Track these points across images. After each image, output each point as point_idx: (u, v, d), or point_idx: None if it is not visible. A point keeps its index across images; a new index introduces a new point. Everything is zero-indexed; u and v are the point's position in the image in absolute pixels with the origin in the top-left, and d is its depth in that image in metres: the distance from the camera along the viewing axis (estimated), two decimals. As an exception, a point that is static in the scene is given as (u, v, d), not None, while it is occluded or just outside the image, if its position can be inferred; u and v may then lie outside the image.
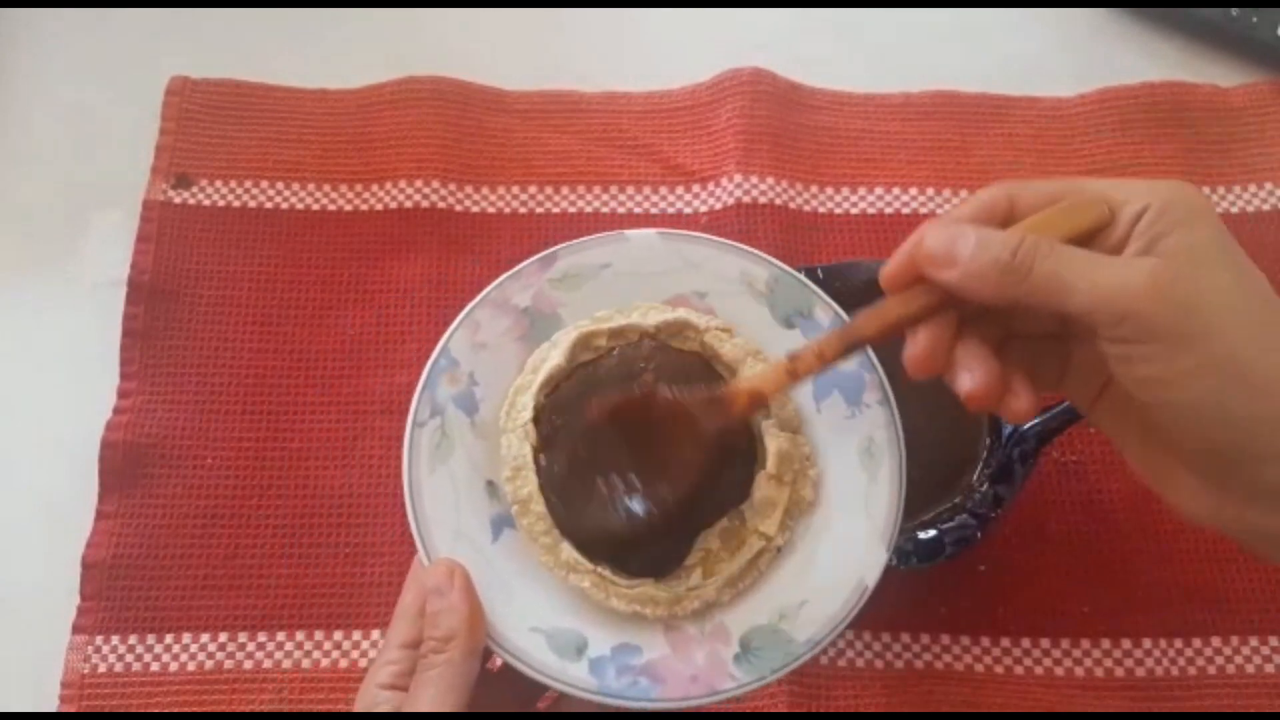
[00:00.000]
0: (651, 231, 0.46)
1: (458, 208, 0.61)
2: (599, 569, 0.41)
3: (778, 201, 0.61)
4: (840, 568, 0.41)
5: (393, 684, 0.37)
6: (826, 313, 0.44)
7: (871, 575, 0.40)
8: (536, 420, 0.42)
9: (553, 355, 0.43)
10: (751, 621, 0.41)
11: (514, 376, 0.44)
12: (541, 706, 0.42)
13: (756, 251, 0.45)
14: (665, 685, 0.39)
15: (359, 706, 0.37)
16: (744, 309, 0.45)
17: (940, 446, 0.51)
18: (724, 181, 0.61)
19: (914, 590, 0.52)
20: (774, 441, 0.43)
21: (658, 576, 0.41)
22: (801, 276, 0.44)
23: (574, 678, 0.39)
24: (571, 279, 0.45)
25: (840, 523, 0.42)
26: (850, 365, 0.43)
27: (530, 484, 0.42)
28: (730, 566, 0.41)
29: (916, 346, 0.37)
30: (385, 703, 0.37)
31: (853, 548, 0.41)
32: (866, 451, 0.43)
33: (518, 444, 0.42)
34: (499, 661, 0.39)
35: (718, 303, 0.45)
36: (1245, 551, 0.51)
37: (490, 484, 0.42)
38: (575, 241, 0.45)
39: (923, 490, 0.50)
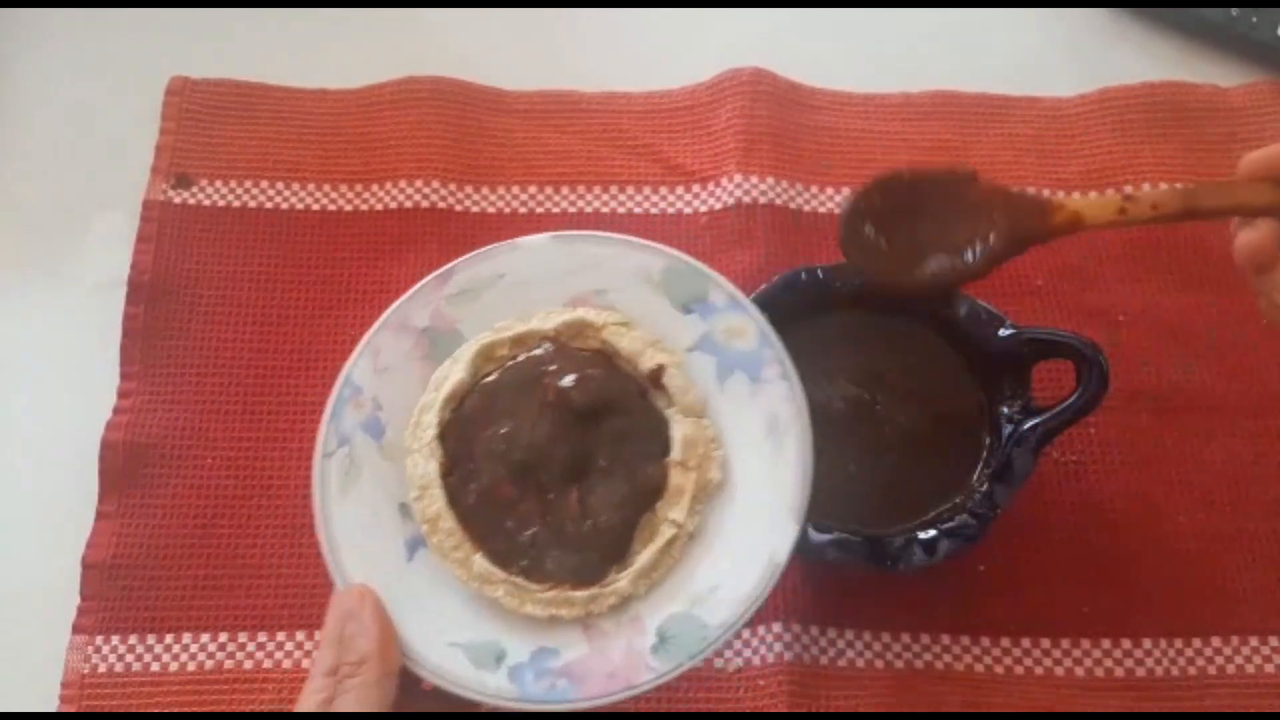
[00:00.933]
0: (545, 235, 0.46)
1: (458, 208, 0.61)
2: (512, 577, 0.42)
3: (778, 201, 0.61)
4: (752, 547, 0.41)
5: (320, 711, 0.37)
6: (722, 295, 0.44)
7: (781, 551, 0.41)
8: (442, 437, 0.43)
9: (454, 371, 0.44)
10: (667, 610, 0.41)
11: (419, 397, 0.44)
12: None
13: (651, 243, 0.45)
14: (584, 685, 0.40)
15: None
16: (643, 301, 0.45)
17: (940, 446, 0.51)
18: (724, 181, 0.61)
19: (914, 590, 0.52)
20: (679, 428, 0.43)
21: (584, 581, 0.42)
22: (694, 262, 0.45)
23: (493, 688, 0.39)
24: (468, 293, 0.45)
25: (749, 501, 0.43)
26: (749, 343, 0.44)
27: (438, 501, 0.42)
28: (643, 557, 0.42)
29: (1255, 234, 0.38)
30: None
31: (762, 525, 0.41)
32: (772, 427, 0.43)
33: (423, 463, 0.43)
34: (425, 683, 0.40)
35: (617, 298, 0.45)
36: None
37: (403, 506, 0.43)
38: (469, 255, 0.46)
39: (923, 490, 0.50)
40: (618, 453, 0.43)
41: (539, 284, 0.46)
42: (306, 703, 0.38)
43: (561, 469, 0.43)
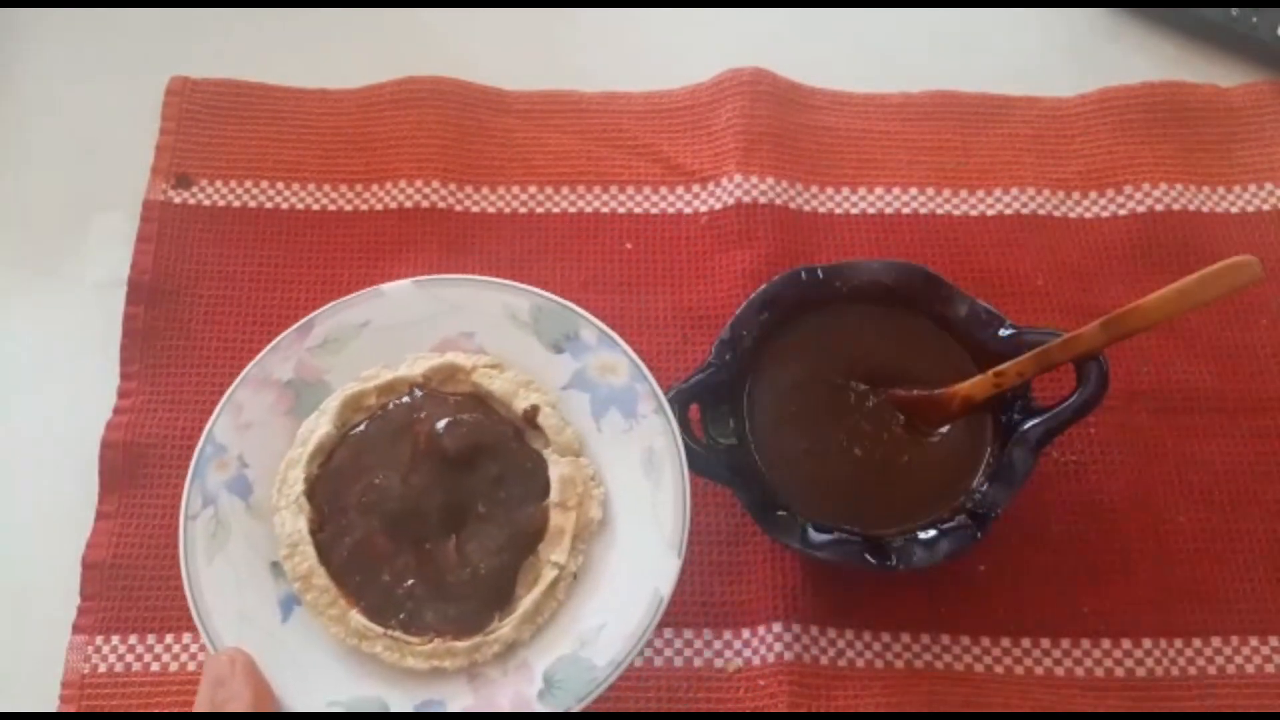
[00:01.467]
0: (406, 282, 0.46)
1: (458, 208, 0.61)
2: (390, 632, 0.41)
3: (778, 201, 0.61)
4: (635, 582, 0.41)
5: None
6: (592, 332, 0.44)
7: (665, 584, 0.40)
8: (310, 492, 0.43)
9: (321, 423, 0.44)
10: (554, 654, 0.41)
11: (285, 452, 0.44)
12: None
13: (515, 284, 0.45)
14: None
15: None
16: (512, 342, 0.45)
17: (941, 447, 0.51)
18: (724, 181, 0.61)
19: (914, 590, 0.52)
20: (556, 468, 0.43)
21: (466, 630, 0.41)
22: (562, 301, 0.45)
23: None
24: (332, 343, 0.45)
25: (630, 537, 0.42)
26: (622, 378, 0.44)
27: (309, 559, 0.42)
28: (526, 602, 0.41)
29: None
30: None
31: (645, 559, 0.41)
32: (649, 461, 0.43)
33: (291, 520, 0.42)
34: None
35: (486, 340, 0.45)
36: None
37: (275, 565, 0.43)
38: (330, 305, 0.45)
39: (923, 491, 0.50)
40: (495, 497, 0.43)
41: (405, 330, 0.45)
42: None
43: (438, 518, 0.42)
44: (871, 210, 0.61)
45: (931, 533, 0.48)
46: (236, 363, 0.56)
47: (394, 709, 0.40)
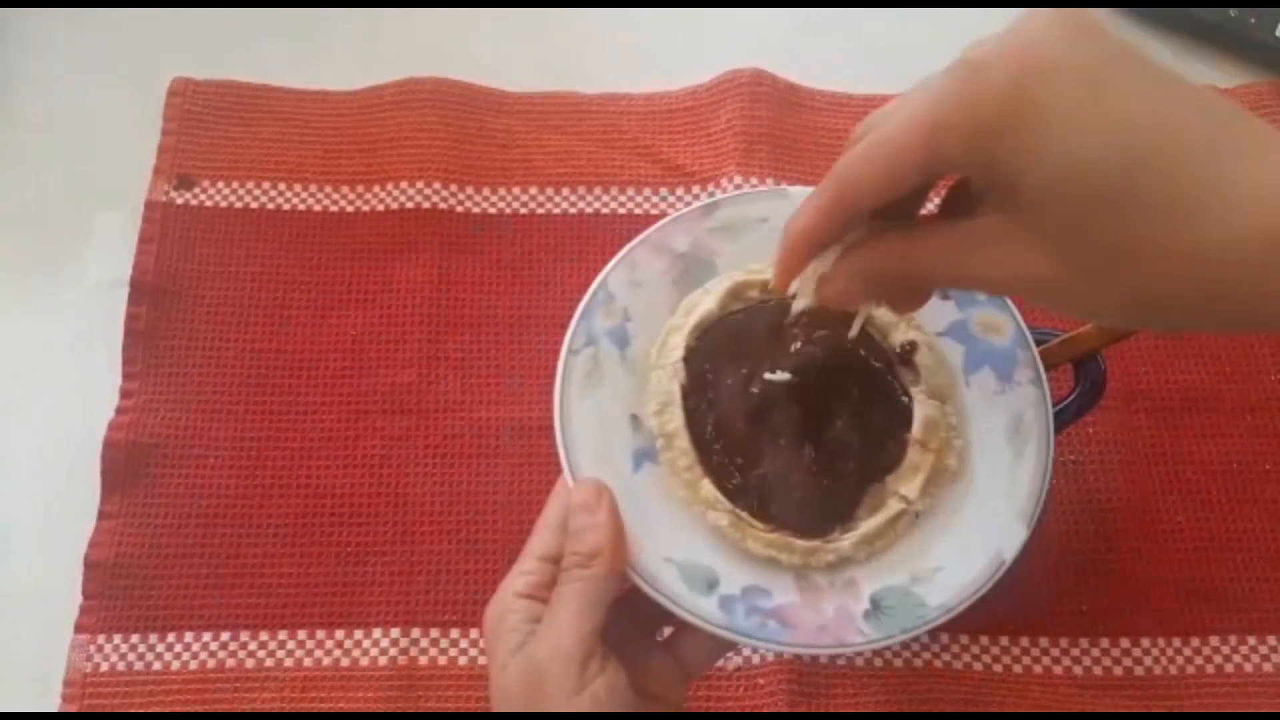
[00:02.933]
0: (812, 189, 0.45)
1: (459, 209, 0.61)
2: (737, 510, 0.41)
3: (778, 202, 0.61)
4: (978, 539, 0.41)
5: (530, 594, 0.37)
6: None
7: (1010, 549, 0.40)
8: (686, 360, 0.43)
9: (705, 301, 0.44)
10: (884, 581, 0.41)
11: (666, 317, 0.44)
12: (659, 638, 0.42)
13: None
14: (794, 631, 0.39)
15: (490, 613, 0.38)
16: None
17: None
18: (724, 183, 0.61)
19: (913, 589, 0.52)
20: (922, 408, 0.43)
21: (807, 532, 0.41)
22: None
23: (704, 611, 0.39)
24: (730, 229, 0.45)
25: (982, 496, 0.42)
26: (1004, 341, 0.44)
27: (677, 420, 0.42)
28: (868, 524, 0.41)
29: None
30: (521, 610, 0.37)
31: (993, 521, 0.41)
32: (1014, 429, 0.43)
33: (667, 380, 0.42)
34: (624, 586, 0.39)
35: None
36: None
37: (634, 418, 0.43)
38: (735, 194, 0.46)
39: (923, 490, 0.50)
40: (858, 417, 0.42)
41: None
42: (516, 584, 0.37)
43: (800, 420, 0.42)
44: (871, 211, 0.61)
45: (931, 532, 0.48)
46: (238, 363, 0.57)
47: (723, 583, 0.40)
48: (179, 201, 0.61)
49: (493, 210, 0.62)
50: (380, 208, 0.61)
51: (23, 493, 0.55)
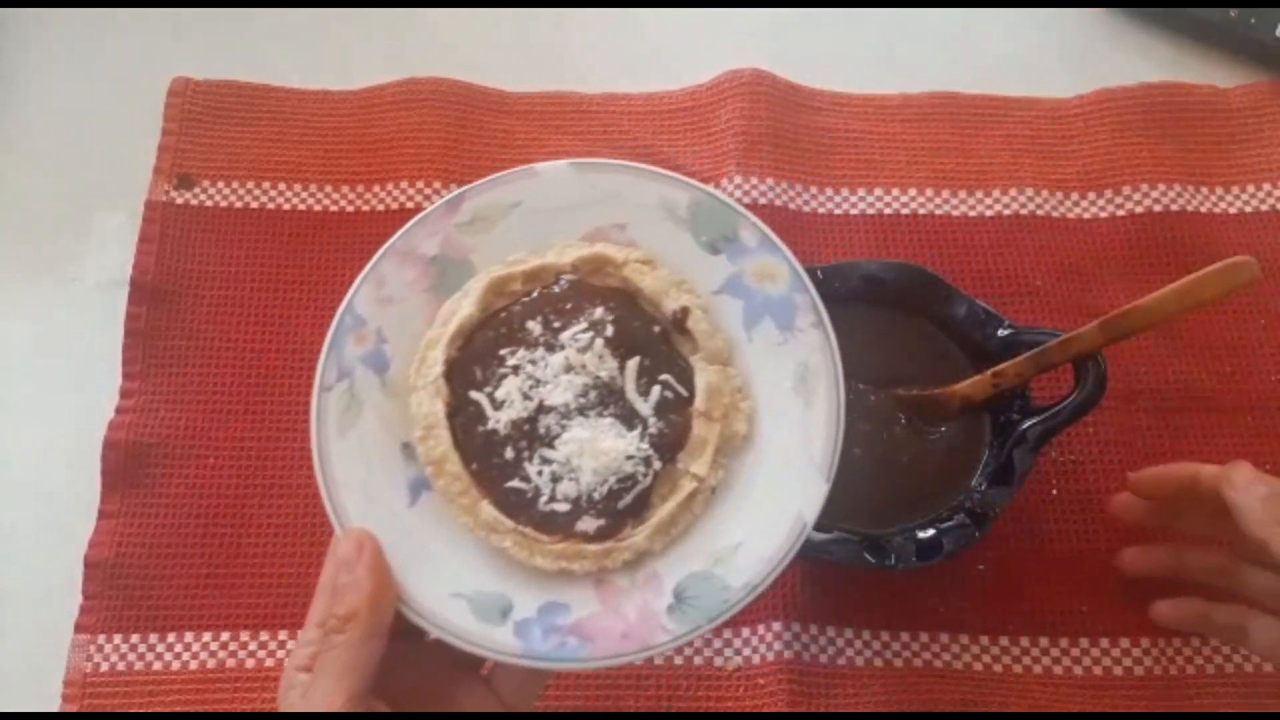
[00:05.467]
0: (563, 163, 0.43)
1: (459, 208, 0.61)
2: (521, 527, 0.39)
3: (778, 202, 0.61)
4: (778, 504, 0.39)
5: (307, 665, 0.36)
6: (753, 234, 0.41)
7: (810, 509, 0.38)
8: (449, 375, 0.40)
9: (464, 305, 0.41)
10: (686, 568, 0.39)
11: (425, 330, 0.41)
12: (483, 673, 0.40)
13: (676, 175, 0.42)
14: (595, 643, 0.37)
15: (280, 688, 0.36)
16: (666, 238, 0.42)
17: (940, 447, 0.51)
18: (724, 182, 0.61)
19: (914, 589, 0.52)
20: (703, 375, 0.41)
21: (598, 536, 0.39)
22: (723, 196, 0.42)
23: (498, 643, 0.37)
24: (481, 221, 0.42)
25: (776, 457, 0.40)
26: (781, 287, 0.41)
27: (444, 443, 0.40)
28: (661, 511, 0.39)
29: (1174, 611, 0.50)
30: (299, 685, 0.35)
31: (790, 482, 0.39)
32: (801, 378, 0.40)
33: (429, 401, 0.40)
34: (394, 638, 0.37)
35: (639, 233, 0.43)
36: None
37: (406, 446, 0.40)
38: (482, 181, 0.42)
39: (922, 490, 0.50)
40: (642, 400, 0.40)
41: (556, 215, 0.43)
42: (297, 656, 0.36)
43: (579, 413, 0.40)
44: (871, 211, 0.61)
45: (931, 532, 0.48)
46: (238, 363, 0.57)
47: (517, 607, 0.38)
48: (179, 201, 0.61)
49: (493, 210, 0.61)
50: (380, 208, 0.61)
51: (22, 492, 0.55)
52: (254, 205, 0.61)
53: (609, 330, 0.41)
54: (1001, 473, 0.49)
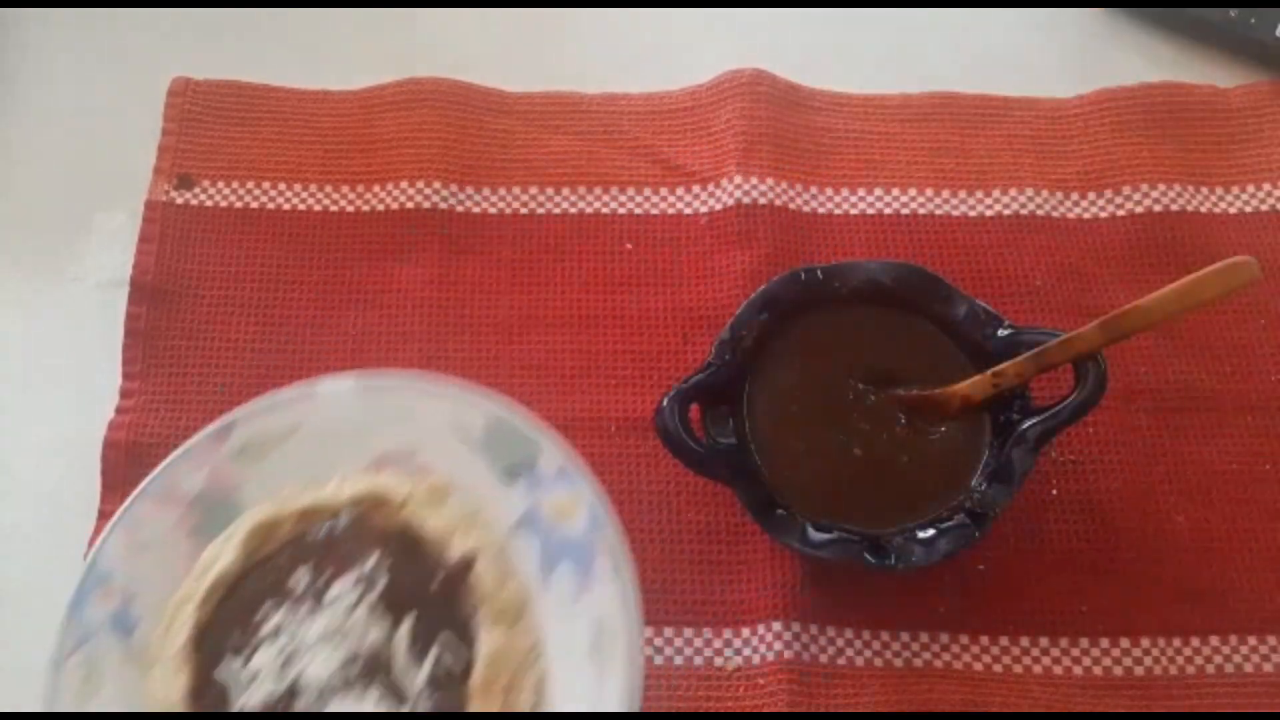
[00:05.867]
0: (348, 381, 0.39)
1: (459, 209, 0.61)
2: None
3: (778, 202, 0.61)
4: None
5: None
6: (551, 463, 0.37)
7: None
8: (198, 641, 0.35)
9: (225, 553, 0.37)
10: None
11: (184, 580, 0.37)
12: None
13: (476, 392, 0.39)
14: None
15: None
16: (460, 464, 0.39)
17: (940, 446, 0.51)
18: (724, 183, 0.61)
19: (914, 589, 0.52)
20: (486, 640, 0.36)
21: None
22: (523, 418, 0.38)
23: None
24: (253, 450, 0.39)
25: None
26: (578, 526, 0.37)
27: None
28: None
29: None
30: None
31: None
32: (597, 642, 0.36)
33: (168, 681, 0.35)
34: None
35: (432, 459, 0.39)
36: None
37: None
38: (256, 402, 0.39)
39: (922, 490, 0.50)
40: (413, 674, 0.36)
41: (339, 439, 0.39)
42: None
43: (348, 687, 0.35)
44: (871, 211, 0.61)
45: (931, 532, 0.48)
46: (239, 363, 0.57)
47: None
48: (179, 201, 0.61)
49: (493, 210, 0.62)
50: (380, 208, 0.61)
51: (22, 493, 0.55)
52: (254, 205, 0.61)
53: (381, 584, 0.36)
54: (1001, 473, 0.49)
